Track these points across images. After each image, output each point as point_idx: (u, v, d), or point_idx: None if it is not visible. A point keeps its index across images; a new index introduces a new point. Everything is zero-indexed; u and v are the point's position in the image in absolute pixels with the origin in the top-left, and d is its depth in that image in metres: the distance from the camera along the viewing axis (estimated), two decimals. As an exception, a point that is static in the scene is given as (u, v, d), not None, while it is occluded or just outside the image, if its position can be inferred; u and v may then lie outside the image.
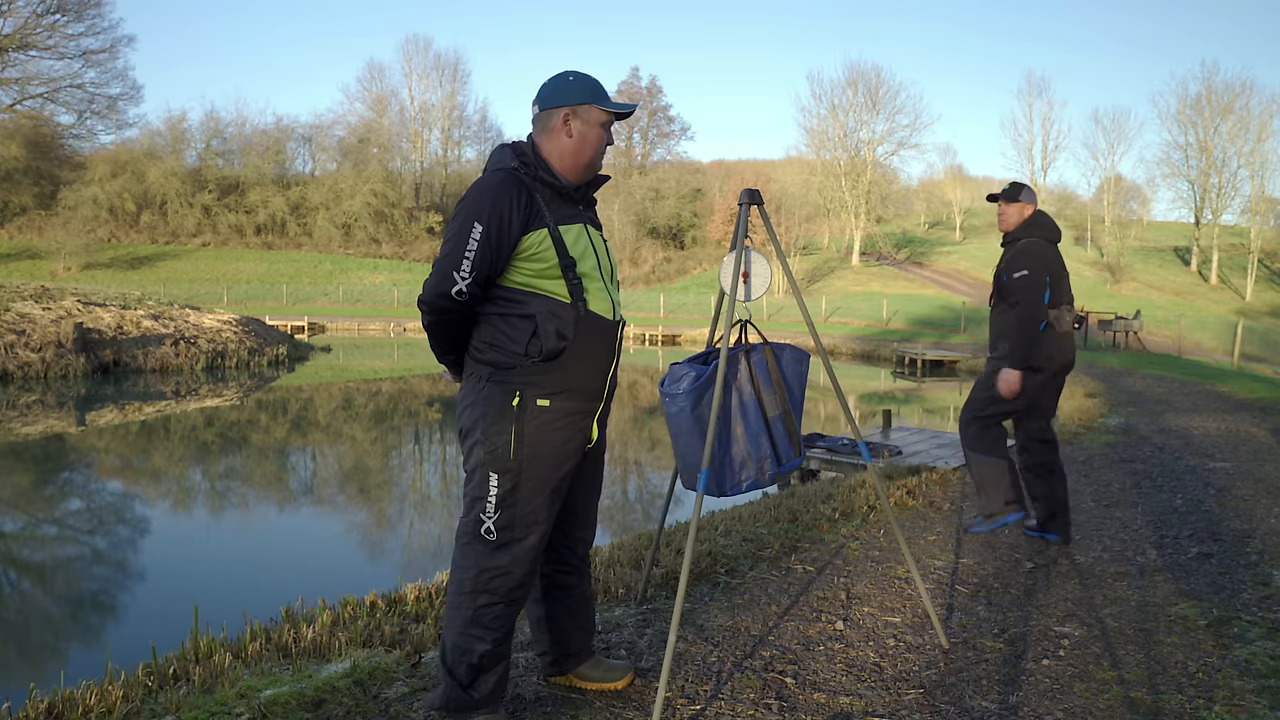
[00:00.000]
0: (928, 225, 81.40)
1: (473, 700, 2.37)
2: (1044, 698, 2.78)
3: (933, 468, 6.56)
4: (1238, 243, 56.37)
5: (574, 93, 2.35)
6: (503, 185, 2.23)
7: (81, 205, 49.54)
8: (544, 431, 2.27)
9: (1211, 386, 13.65)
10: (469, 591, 2.31)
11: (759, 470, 2.82)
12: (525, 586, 2.36)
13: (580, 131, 2.35)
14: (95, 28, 51.94)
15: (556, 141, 2.35)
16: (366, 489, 8.95)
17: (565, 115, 2.35)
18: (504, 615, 2.33)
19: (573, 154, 2.35)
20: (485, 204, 2.20)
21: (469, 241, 2.17)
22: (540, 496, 2.30)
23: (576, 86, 2.36)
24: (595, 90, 2.37)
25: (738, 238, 2.97)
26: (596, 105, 2.36)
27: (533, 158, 2.33)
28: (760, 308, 35.49)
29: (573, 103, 2.35)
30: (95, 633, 5.14)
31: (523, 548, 2.30)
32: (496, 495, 2.27)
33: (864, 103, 59.41)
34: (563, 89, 2.36)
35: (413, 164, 64.05)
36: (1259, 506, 5.54)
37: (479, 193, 2.23)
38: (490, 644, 2.32)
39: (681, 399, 2.58)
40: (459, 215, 2.22)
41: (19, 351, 16.04)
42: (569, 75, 2.39)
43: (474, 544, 2.31)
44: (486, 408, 2.26)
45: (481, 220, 2.17)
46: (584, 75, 2.40)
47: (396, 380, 19.24)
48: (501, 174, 2.27)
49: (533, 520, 2.30)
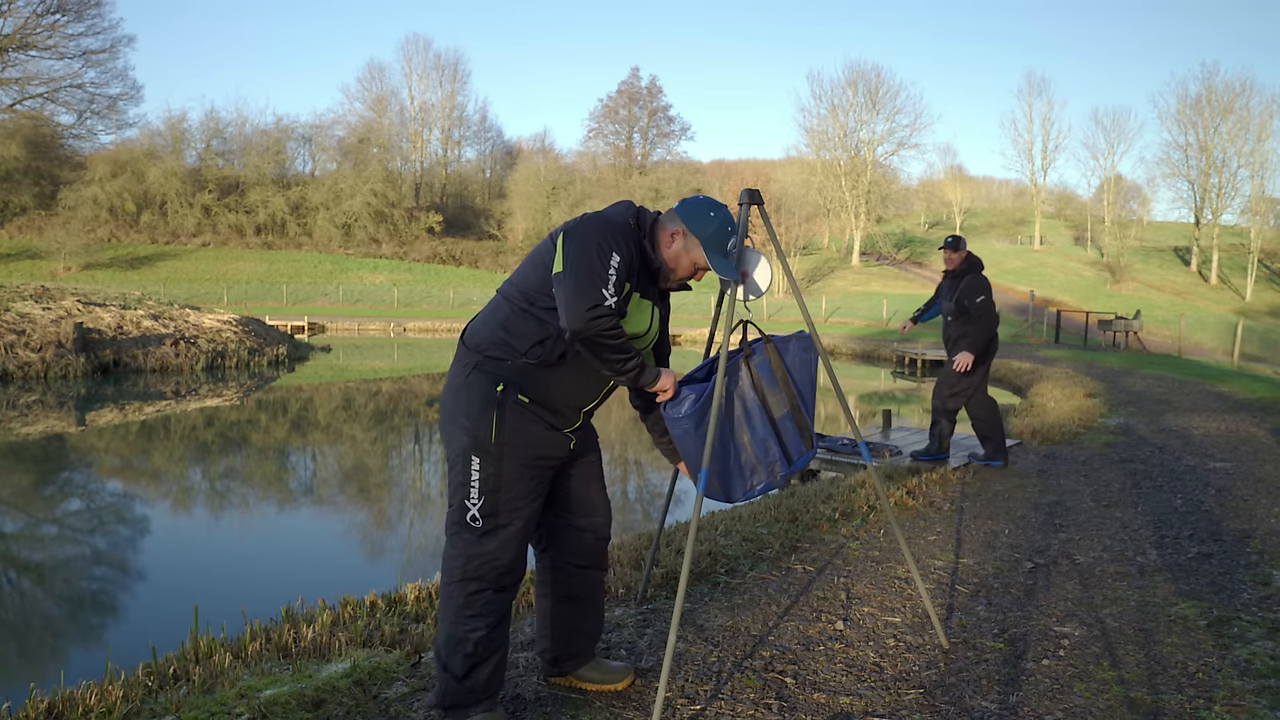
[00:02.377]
0: (928, 225, 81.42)
1: (468, 692, 2.37)
2: (1044, 698, 2.78)
3: (933, 468, 6.56)
4: (1238, 243, 56.38)
5: (699, 224, 2.46)
6: (629, 233, 2.35)
7: (81, 205, 49.51)
8: (524, 421, 2.33)
9: (1211, 386, 13.65)
10: (459, 580, 2.34)
11: (769, 474, 2.81)
12: (514, 572, 2.38)
13: (677, 253, 2.47)
14: (95, 28, 51.93)
15: (664, 240, 2.47)
16: (366, 489, 8.95)
17: (677, 233, 2.46)
18: (494, 601, 2.35)
19: (668, 260, 2.48)
20: (620, 240, 2.30)
21: (610, 267, 2.24)
22: (523, 481, 2.34)
23: (704, 221, 2.46)
24: (715, 237, 2.47)
25: (738, 238, 2.97)
26: (702, 248, 2.46)
27: (647, 229, 2.45)
28: (760, 308, 35.48)
29: (691, 229, 2.45)
30: (95, 633, 5.14)
31: (508, 533, 2.34)
32: (479, 479, 2.31)
33: (864, 103, 59.48)
34: (695, 213, 2.47)
35: (413, 164, 64.06)
36: (1259, 506, 5.54)
37: (610, 229, 2.31)
38: (484, 630, 2.33)
39: (685, 422, 2.58)
40: (588, 243, 2.26)
41: (19, 351, 16.04)
42: (713, 210, 2.48)
43: (461, 533, 2.35)
44: (470, 393, 2.33)
45: (620, 252, 2.27)
46: (723, 219, 2.48)
47: (396, 380, 19.24)
48: (624, 225, 2.37)
49: (517, 505, 2.34)
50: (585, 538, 2.61)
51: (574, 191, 58.36)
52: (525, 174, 59.96)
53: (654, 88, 65.82)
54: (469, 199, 64.29)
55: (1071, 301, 43.17)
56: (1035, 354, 20.83)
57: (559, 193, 58.28)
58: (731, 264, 2.54)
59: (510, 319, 2.35)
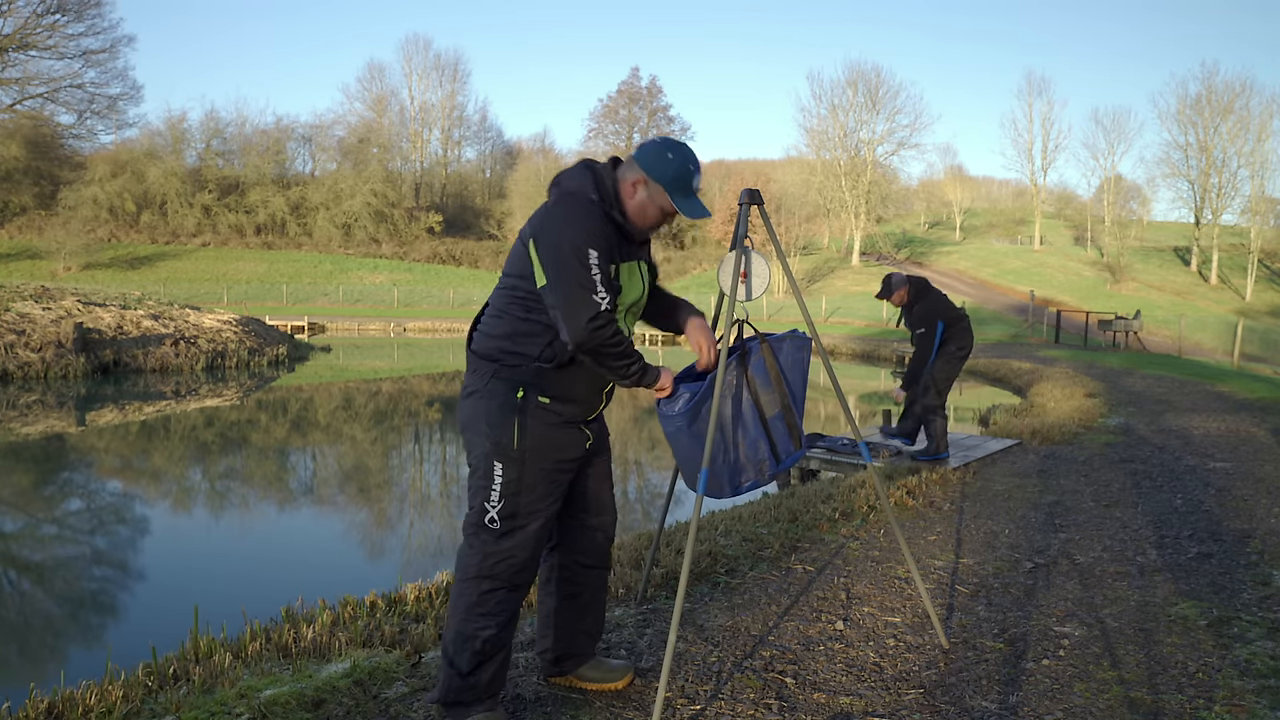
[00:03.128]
0: (928, 225, 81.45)
1: (471, 689, 2.38)
2: (1044, 698, 2.78)
3: (933, 468, 6.56)
4: (1238, 243, 56.37)
5: (659, 167, 2.34)
6: (595, 214, 2.28)
7: (81, 205, 49.51)
8: (544, 425, 2.35)
9: (1211, 386, 13.65)
10: (473, 577, 2.36)
11: (757, 472, 2.84)
12: (528, 571, 2.40)
13: (642, 203, 2.38)
14: (95, 28, 51.97)
15: (626, 193, 2.38)
16: (366, 489, 8.95)
17: (638, 182, 2.37)
18: (507, 600, 2.37)
19: (634, 214, 2.39)
20: (590, 228, 2.24)
21: (591, 267, 2.21)
22: (543, 484, 2.37)
23: (662, 164, 2.35)
24: (678, 179, 2.35)
25: (738, 238, 2.97)
26: (666, 193, 2.36)
27: (611, 195, 2.36)
28: (760, 308, 35.49)
29: (651, 176, 2.35)
30: (95, 633, 5.14)
31: (526, 533, 2.36)
32: (501, 484, 2.33)
33: (864, 103, 59.42)
34: (652, 156, 2.35)
35: (413, 164, 64.07)
36: (1259, 506, 5.54)
37: (576, 220, 2.25)
38: (494, 629, 2.36)
39: (678, 419, 2.62)
40: (563, 247, 2.23)
41: (19, 351, 16.04)
42: (670, 150, 2.36)
43: (479, 533, 2.37)
44: (491, 401, 2.34)
45: (594, 244, 2.23)
46: (682, 158, 2.35)
47: (396, 380, 19.24)
48: (587, 204, 2.30)
49: (535, 506, 2.37)
50: (596, 537, 2.64)
51: (574, 191, 58.29)
52: (525, 174, 59.96)
53: (654, 88, 65.81)
54: (469, 199, 64.31)
55: (1071, 301, 43.16)
56: (1035, 354, 20.84)
57: (559, 193, 58.23)
58: (699, 203, 2.41)
59: (514, 331, 2.36)
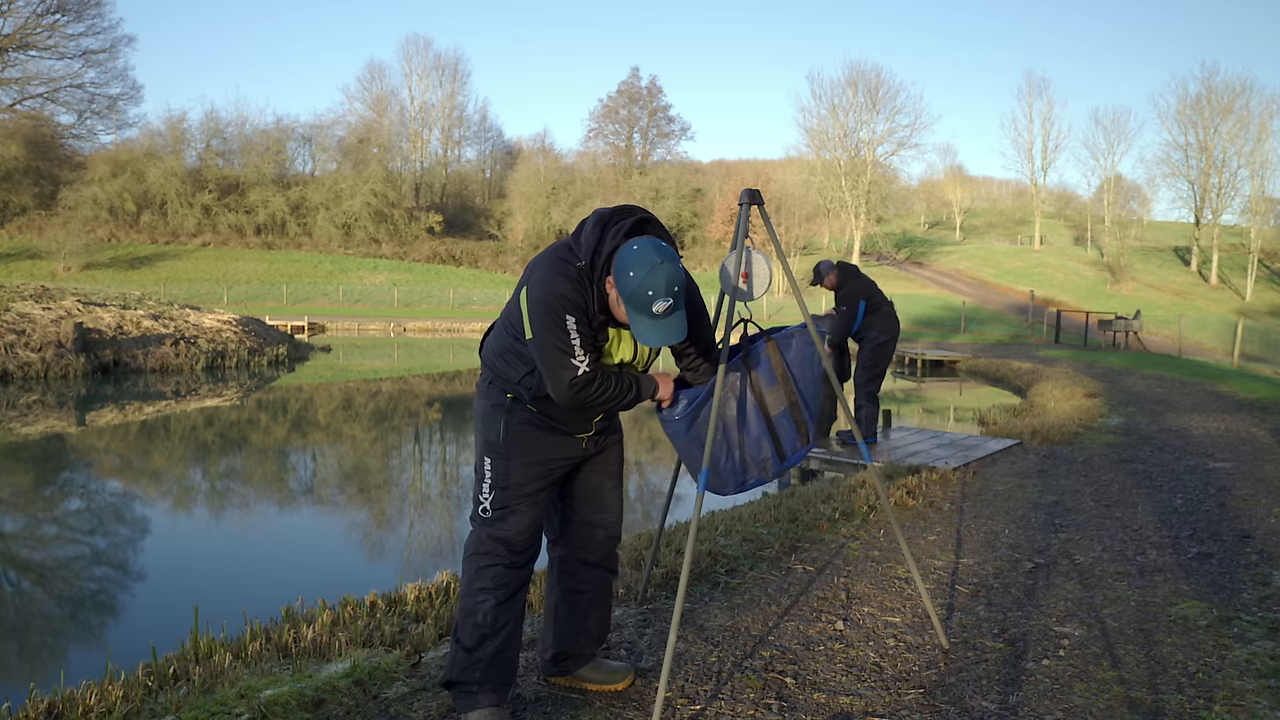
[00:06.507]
0: (928, 225, 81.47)
1: (475, 664, 2.42)
2: (1044, 698, 2.78)
3: (933, 468, 6.56)
4: (1238, 243, 56.37)
5: (620, 278, 2.24)
6: (577, 284, 2.28)
7: (81, 205, 49.48)
8: (531, 427, 2.48)
9: (1211, 386, 13.64)
10: (472, 554, 2.51)
11: (761, 470, 2.83)
12: (526, 552, 2.51)
13: (616, 300, 2.32)
14: (95, 28, 51.89)
15: (608, 282, 2.32)
16: (366, 489, 8.94)
17: (609, 282, 2.31)
18: (504, 575, 2.47)
19: (611, 305, 2.35)
20: (568, 296, 2.26)
21: (568, 331, 2.25)
22: (530, 474, 2.48)
23: (623, 279, 2.23)
24: (633, 299, 2.23)
25: (738, 238, 2.97)
26: (625, 307, 2.29)
27: (601, 268, 2.30)
28: (760, 308, 35.48)
29: (616, 283, 2.27)
30: (95, 633, 5.14)
31: (516, 514, 2.49)
32: (491, 477, 2.49)
33: (864, 103, 59.41)
34: (620, 266, 2.24)
35: (413, 164, 64.05)
36: (1259, 506, 5.54)
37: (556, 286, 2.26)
38: (493, 602, 2.44)
39: (679, 423, 2.65)
40: (541, 310, 2.26)
41: (19, 351, 16.04)
42: (635, 269, 2.22)
43: (476, 519, 2.54)
44: (486, 400, 2.53)
45: (571, 310, 2.26)
46: (642, 281, 2.21)
47: (396, 380, 19.24)
48: (574, 272, 2.29)
49: (523, 493, 2.48)
50: (596, 534, 2.66)
51: (574, 191, 58.36)
52: (525, 174, 59.98)
53: (654, 88, 65.79)
54: (469, 199, 64.31)
55: (1071, 301, 43.17)
56: (1035, 354, 20.83)
57: (559, 193, 58.29)
58: (657, 329, 2.27)
59: (505, 351, 2.46)
